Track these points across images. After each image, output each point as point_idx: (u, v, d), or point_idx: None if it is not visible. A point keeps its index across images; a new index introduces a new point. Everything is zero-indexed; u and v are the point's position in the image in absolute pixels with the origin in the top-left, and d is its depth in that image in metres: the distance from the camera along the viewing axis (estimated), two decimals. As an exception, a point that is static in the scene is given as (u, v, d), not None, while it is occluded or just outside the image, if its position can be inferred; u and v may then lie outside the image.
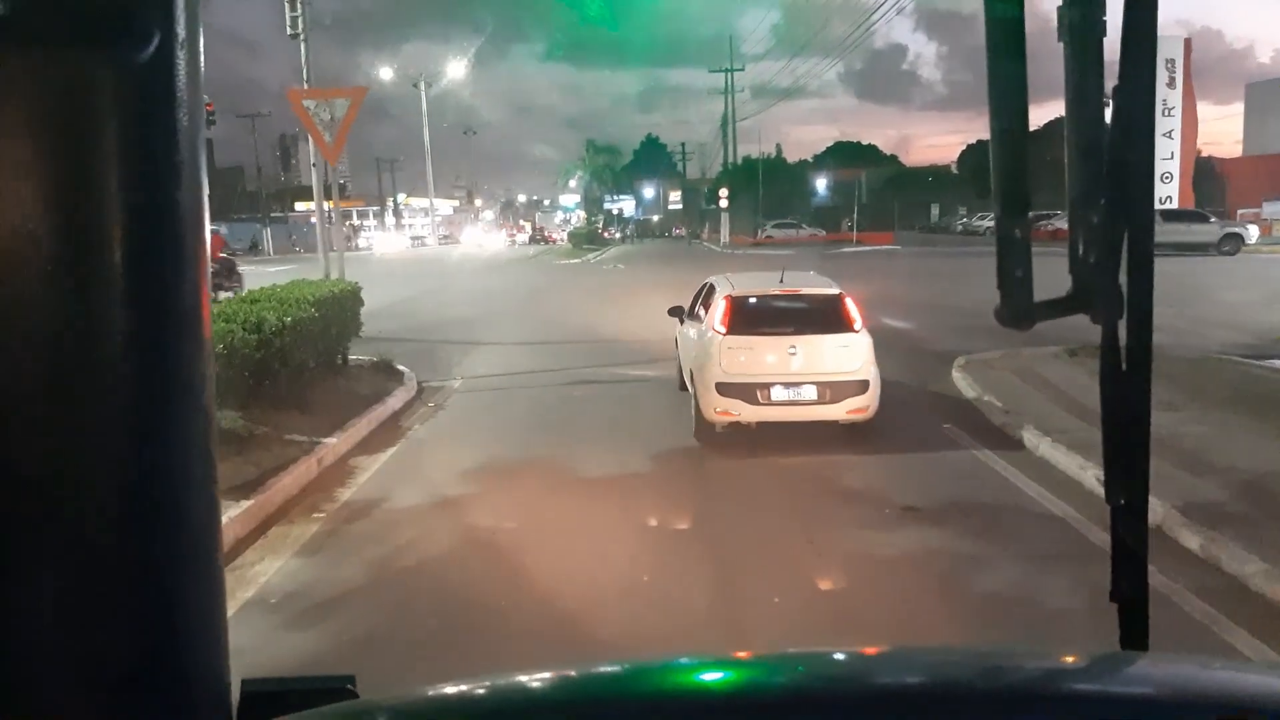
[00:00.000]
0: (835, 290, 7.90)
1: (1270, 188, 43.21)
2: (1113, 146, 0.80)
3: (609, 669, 0.84)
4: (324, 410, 8.25)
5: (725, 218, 51.73)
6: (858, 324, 7.56)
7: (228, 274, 19.00)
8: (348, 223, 78.20)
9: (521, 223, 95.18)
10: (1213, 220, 33.08)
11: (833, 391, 7.29)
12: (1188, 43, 41.28)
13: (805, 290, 8.08)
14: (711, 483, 6.76)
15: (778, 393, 7.31)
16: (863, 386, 7.31)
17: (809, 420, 7.40)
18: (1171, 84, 41.17)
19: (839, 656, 0.84)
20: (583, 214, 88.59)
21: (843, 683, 0.78)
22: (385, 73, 50.61)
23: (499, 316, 17.63)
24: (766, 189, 61.72)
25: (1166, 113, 41.31)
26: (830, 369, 7.36)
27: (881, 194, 57.49)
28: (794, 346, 7.43)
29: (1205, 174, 44.36)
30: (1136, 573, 0.88)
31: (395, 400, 9.33)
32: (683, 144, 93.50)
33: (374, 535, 5.68)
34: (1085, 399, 8.39)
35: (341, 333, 9.77)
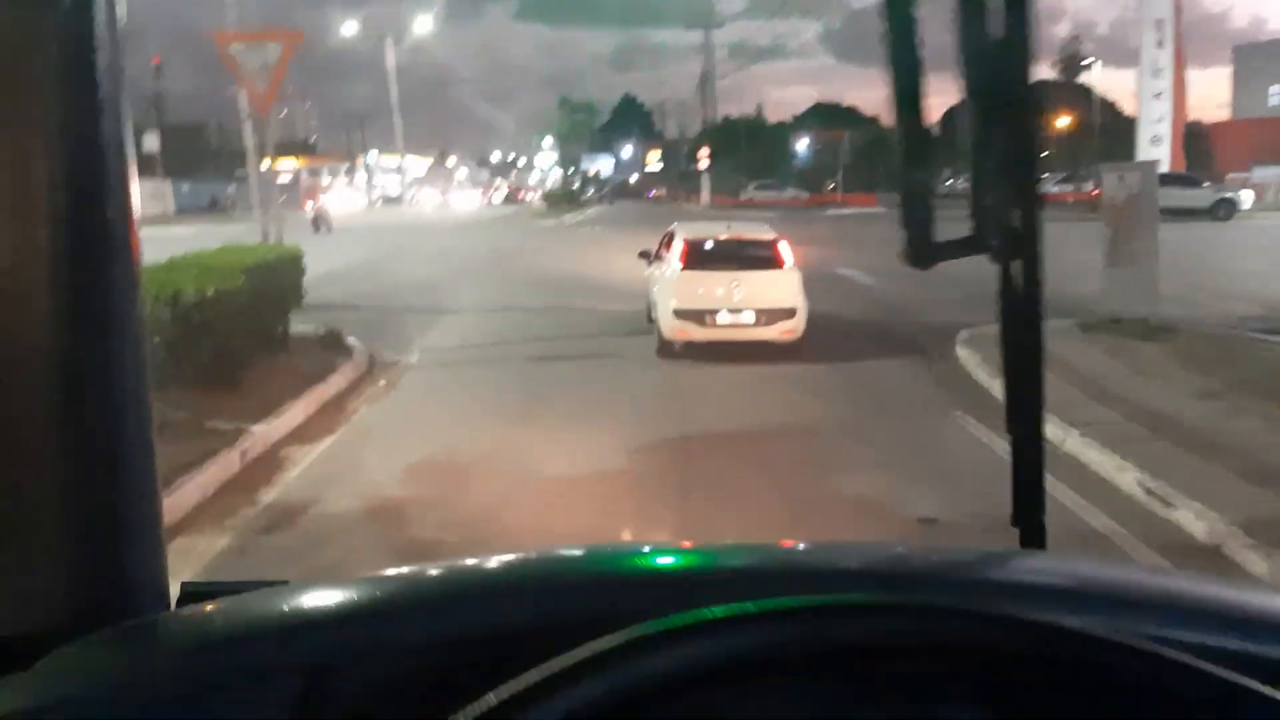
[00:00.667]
0: (772, 235, 9.85)
1: (1258, 152, 42.61)
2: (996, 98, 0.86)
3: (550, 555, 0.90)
4: (256, 392, 7.29)
5: (706, 179, 50.62)
6: (789, 263, 9.46)
7: None
8: (313, 180, 76.19)
9: (498, 182, 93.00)
10: (1205, 185, 32.35)
11: (768, 317, 9.07)
12: (1178, 3, 40.28)
13: (747, 236, 10.11)
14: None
15: (723, 317, 9.10)
16: (791, 313, 9.09)
17: (749, 340, 9.10)
18: (1160, 45, 40.26)
19: (746, 546, 0.92)
20: (560, 174, 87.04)
21: (751, 570, 0.84)
22: (350, 26, 48.81)
23: (466, 278, 16.73)
24: (748, 150, 60.40)
25: (1155, 74, 40.49)
26: (766, 299, 9.12)
27: (864, 155, 56.49)
28: (737, 280, 9.15)
29: (1193, 138, 43.66)
30: (1035, 495, 0.94)
31: (340, 379, 8.38)
32: (660, 103, 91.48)
33: (292, 552, 4.76)
34: (1110, 382, 7.57)
35: (280, 303, 8.77)
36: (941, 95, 0.94)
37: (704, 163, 50.88)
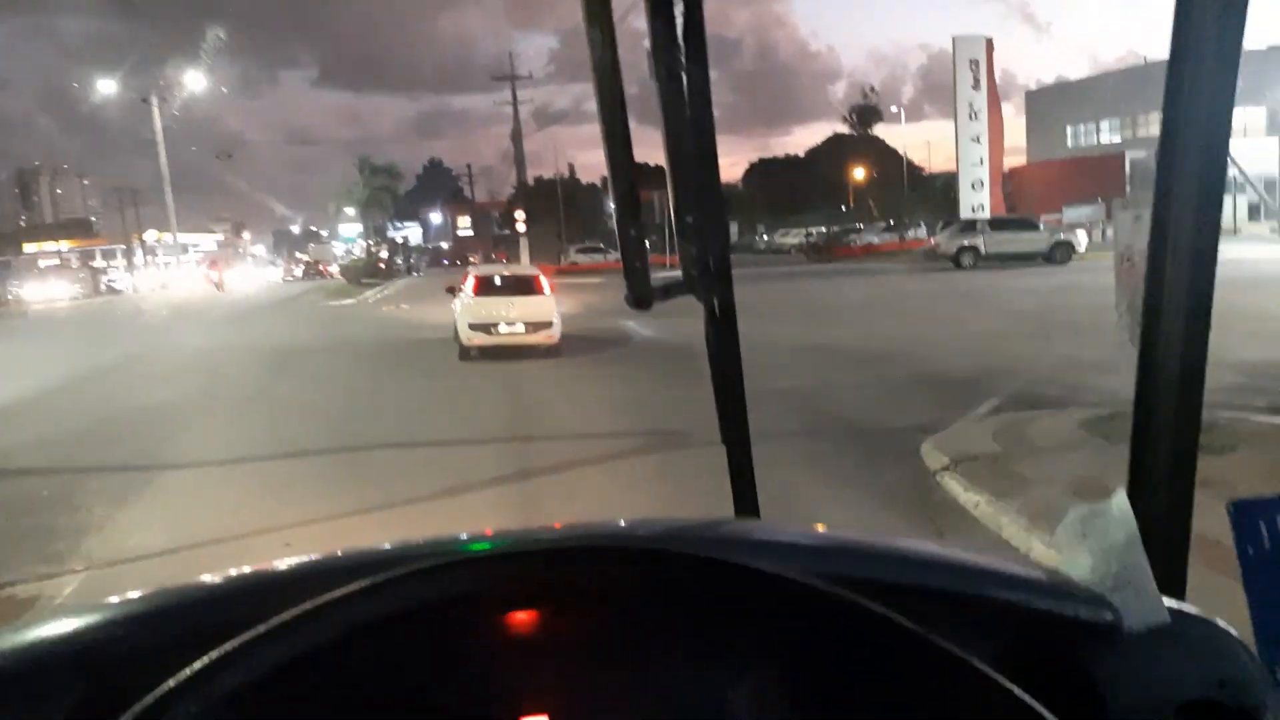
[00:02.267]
0: (535, 272, 16.45)
1: (1060, 192, 43.49)
2: (692, 167, 1.03)
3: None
4: None
5: (524, 243, 46.73)
6: (546, 290, 15.14)
7: None
8: (89, 263, 66.59)
9: (299, 256, 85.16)
10: (1042, 228, 31.73)
11: (533, 327, 14.25)
12: (989, 44, 40.60)
13: (517, 273, 17.01)
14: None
15: (503, 328, 14.22)
16: (549, 325, 14.33)
17: (521, 344, 14.22)
18: (976, 86, 40.38)
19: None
20: (364, 244, 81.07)
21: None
22: (107, 86, 42.41)
23: (214, 404, 11.96)
24: (565, 212, 57.39)
25: (972, 116, 40.55)
26: (531, 314, 14.39)
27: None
28: (511, 302, 14.62)
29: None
30: (748, 493, 1.18)
31: None
32: (469, 165, 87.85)
33: None
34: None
35: None
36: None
37: (520, 225, 47.16)
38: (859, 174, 72.16)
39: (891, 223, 55.32)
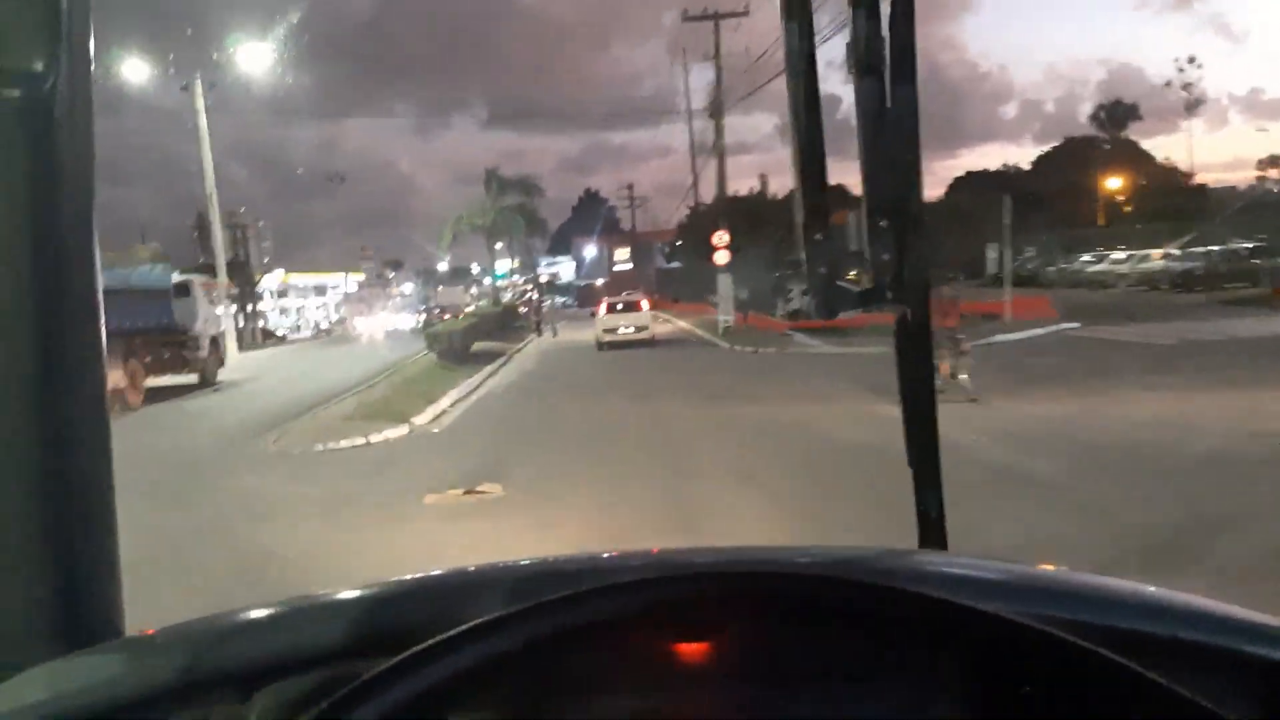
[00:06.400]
0: (640, 296, 29.55)
1: None
2: (891, 168, 0.98)
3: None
4: None
5: (726, 281, 28.33)
6: (645, 307, 28.30)
7: None
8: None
9: (428, 300, 71.43)
10: None
11: (638, 330, 27.17)
12: None
13: (629, 297, 30.06)
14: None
15: (621, 331, 27.15)
16: (650, 329, 27.71)
17: (632, 339, 26.73)
18: None
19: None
20: (517, 280, 67.81)
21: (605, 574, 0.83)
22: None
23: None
24: (768, 232, 39.07)
25: None
26: (637, 322, 27.37)
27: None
28: (626, 315, 27.63)
29: None
30: (936, 523, 1.07)
31: None
32: (630, 186, 72.61)
33: None
34: None
35: None
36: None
37: (722, 253, 28.56)
38: (1116, 184, 53.96)
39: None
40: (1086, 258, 43.52)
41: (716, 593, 0.69)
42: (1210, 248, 34.40)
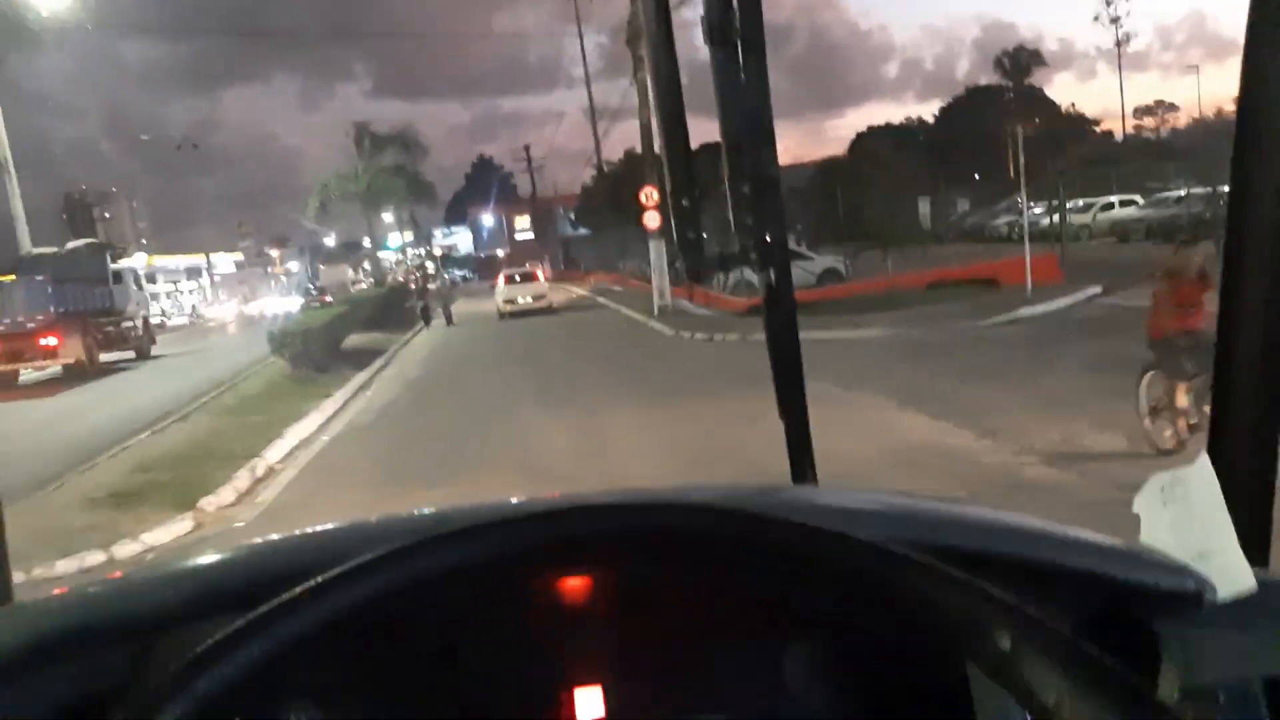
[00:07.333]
0: (536, 268, 30.90)
1: None
2: (749, 136, 1.03)
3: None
4: None
5: (659, 249, 21.21)
6: (543, 278, 29.82)
7: None
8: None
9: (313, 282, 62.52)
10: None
11: (536, 299, 27.94)
12: None
13: (526, 268, 31.08)
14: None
15: (520, 301, 27.97)
16: (548, 298, 28.36)
17: (531, 309, 27.51)
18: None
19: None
20: (406, 254, 60.33)
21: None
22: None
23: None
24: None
25: None
26: (535, 292, 28.30)
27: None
28: (524, 286, 28.59)
29: None
30: (806, 461, 1.12)
31: None
32: (526, 147, 64.83)
33: None
34: None
35: None
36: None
37: (652, 214, 21.16)
38: (1028, 132, 51.15)
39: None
40: (1037, 210, 39.31)
41: (588, 529, 0.66)
42: (1178, 193, 30.14)
